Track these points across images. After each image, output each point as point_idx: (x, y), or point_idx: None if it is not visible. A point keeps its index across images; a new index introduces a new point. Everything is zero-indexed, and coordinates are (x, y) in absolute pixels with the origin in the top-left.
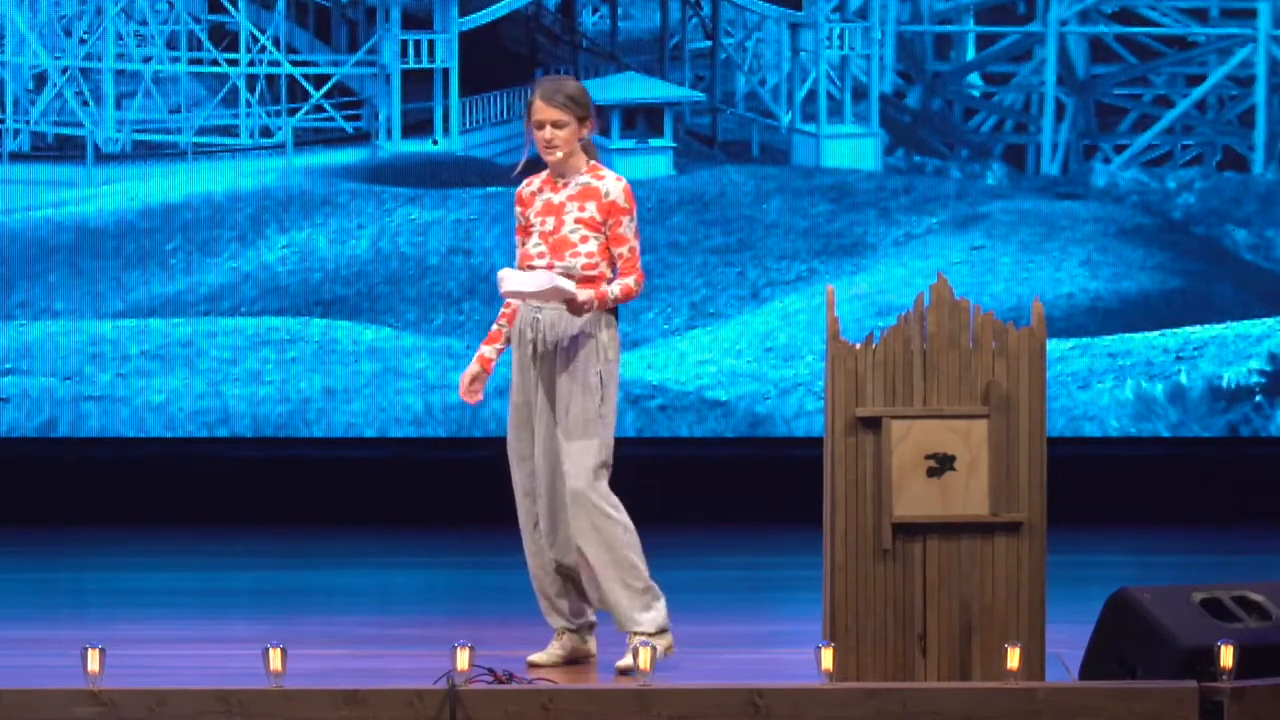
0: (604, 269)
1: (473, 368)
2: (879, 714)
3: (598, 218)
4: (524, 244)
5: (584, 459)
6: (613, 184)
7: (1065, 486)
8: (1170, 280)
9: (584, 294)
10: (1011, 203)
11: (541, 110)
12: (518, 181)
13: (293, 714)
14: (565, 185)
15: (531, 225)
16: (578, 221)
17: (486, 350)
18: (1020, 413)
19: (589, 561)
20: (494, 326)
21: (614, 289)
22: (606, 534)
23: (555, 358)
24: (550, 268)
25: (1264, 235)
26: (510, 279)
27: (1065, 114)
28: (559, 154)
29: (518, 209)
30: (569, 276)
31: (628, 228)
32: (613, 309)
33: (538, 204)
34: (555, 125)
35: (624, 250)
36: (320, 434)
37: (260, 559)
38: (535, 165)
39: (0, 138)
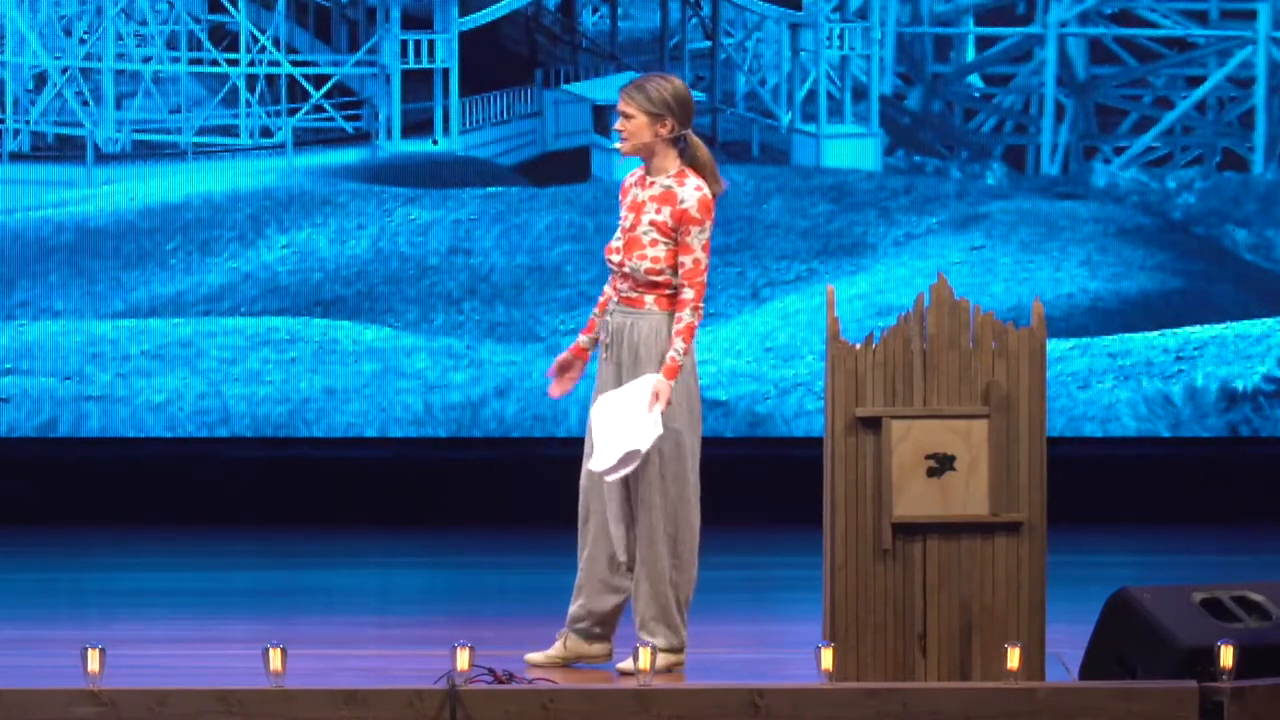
0: (669, 276)
1: (565, 354)
2: (879, 714)
3: (670, 223)
4: None
5: (651, 467)
6: (690, 192)
7: (1065, 486)
8: (1170, 280)
9: (663, 391)
10: (1011, 203)
11: (619, 99)
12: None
13: (293, 714)
14: (652, 184)
15: (624, 218)
16: (651, 224)
17: (582, 339)
18: (1020, 413)
19: (636, 565)
20: (590, 316)
21: (677, 346)
22: (645, 543)
23: (629, 365)
24: (621, 265)
25: (1264, 235)
26: (598, 461)
27: (1065, 115)
28: (624, 144)
29: (620, 197)
30: (634, 277)
31: (696, 238)
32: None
33: (629, 198)
34: (624, 116)
35: (687, 260)
36: (320, 434)
37: (260, 559)
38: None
39: (0, 138)
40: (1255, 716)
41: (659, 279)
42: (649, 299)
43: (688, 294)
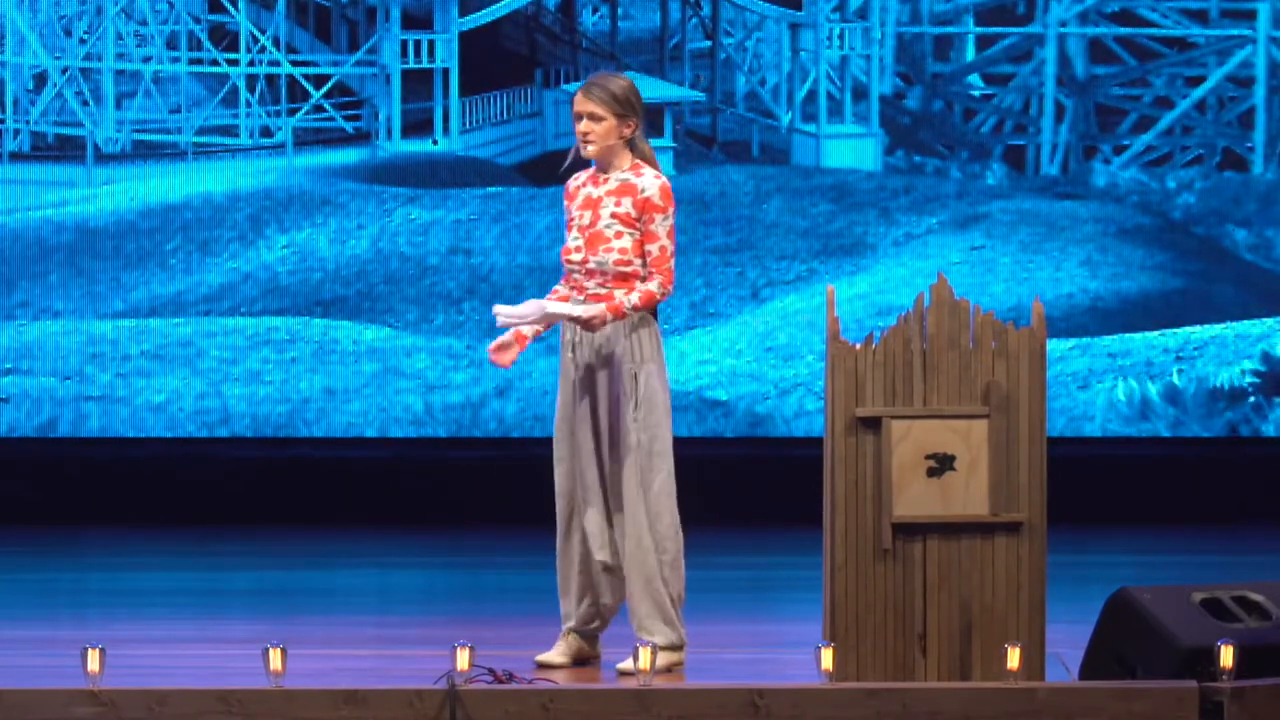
0: (637, 266)
1: (506, 337)
2: (879, 714)
3: (633, 214)
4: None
5: (627, 466)
6: (651, 181)
7: (1065, 486)
8: (1170, 280)
9: (590, 310)
10: (1011, 203)
11: (579, 103)
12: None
13: (293, 714)
14: (606, 180)
15: (573, 219)
16: (613, 216)
17: (525, 329)
18: (1020, 413)
19: (624, 564)
20: None
21: (631, 298)
22: (645, 541)
23: (596, 364)
24: (585, 262)
25: (1264, 235)
26: (501, 314)
27: (1065, 115)
28: (592, 148)
29: (565, 203)
30: (602, 272)
31: (660, 225)
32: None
33: (579, 198)
34: (591, 118)
35: (654, 248)
36: (320, 434)
37: (260, 559)
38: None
39: (0, 138)
40: (1255, 716)
41: (628, 269)
42: (619, 294)
43: (656, 278)
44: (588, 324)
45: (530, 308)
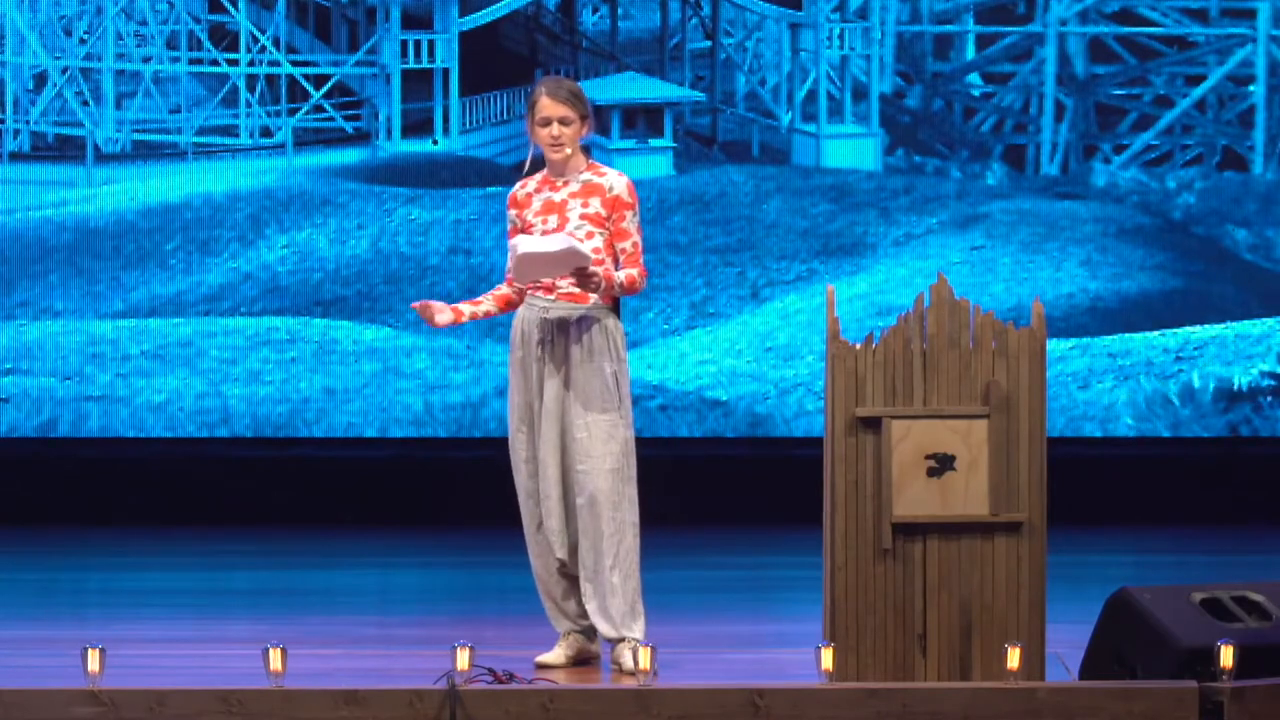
0: (610, 265)
1: (440, 304)
2: (879, 714)
3: (602, 213)
4: None
5: (604, 460)
6: (616, 179)
7: (1065, 486)
8: (1170, 280)
9: (596, 267)
10: (1011, 203)
11: (549, 107)
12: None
13: (293, 714)
14: (566, 184)
15: (530, 225)
16: (582, 218)
17: (464, 306)
18: (1020, 413)
19: (592, 562)
20: (482, 296)
21: (620, 274)
22: (617, 538)
23: (567, 358)
24: None
25: (1264, 235)
26: (526, 242)
27: (1065, 114)
28: (566, 151)
29: (511, 211)
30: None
31: (631, 222)
32: (616, 309)
33: (536, 204)
34: (562, 122)
35: (627, 245)
36: (320, 434)
37: (260, 559)
38: (534, 167)
39: (0, 138)
40: (1255, 716)
41: (600, 269)
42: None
43: (635, 269)
44: (587, 279)
45: (559, 238)
